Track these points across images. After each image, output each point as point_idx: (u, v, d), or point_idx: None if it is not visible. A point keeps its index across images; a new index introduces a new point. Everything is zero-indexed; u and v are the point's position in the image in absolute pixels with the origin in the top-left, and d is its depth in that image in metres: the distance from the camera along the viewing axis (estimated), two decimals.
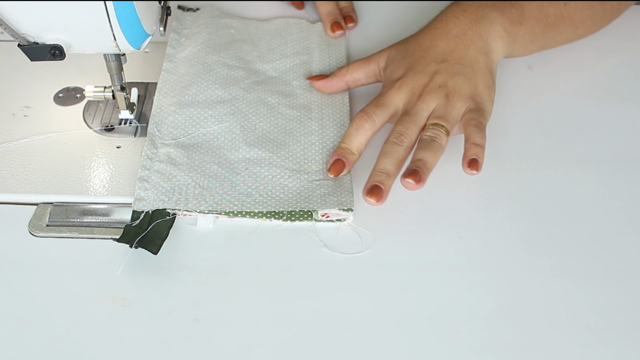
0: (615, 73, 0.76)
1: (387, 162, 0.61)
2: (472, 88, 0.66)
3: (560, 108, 0.73)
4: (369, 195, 0.60)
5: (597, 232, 0.62)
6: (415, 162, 0.61)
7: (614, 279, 0.59)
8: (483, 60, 0.68)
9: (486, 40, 0.68)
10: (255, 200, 0.63)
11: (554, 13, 0.71)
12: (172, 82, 0.73)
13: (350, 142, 0.65)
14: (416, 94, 0.65)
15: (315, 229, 0.61)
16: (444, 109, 0.64)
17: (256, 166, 0.65)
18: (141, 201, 0.62)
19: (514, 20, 0.70)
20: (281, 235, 0.61)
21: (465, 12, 0.69)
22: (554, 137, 0.70)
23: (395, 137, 0.63)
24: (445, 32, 0.69)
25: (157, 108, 0.70)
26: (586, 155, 0.69)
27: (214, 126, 0.68)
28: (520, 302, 0.57)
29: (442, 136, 0.62)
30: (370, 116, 0.65)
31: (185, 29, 0.79)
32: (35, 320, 0.56)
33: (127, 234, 0.60)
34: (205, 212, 0.62)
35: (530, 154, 0.68)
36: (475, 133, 0.62)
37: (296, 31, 0.81)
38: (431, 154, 0.61)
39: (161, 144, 0.67)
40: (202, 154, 0.66)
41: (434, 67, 0.67)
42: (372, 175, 0.61)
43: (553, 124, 0.71)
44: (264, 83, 0.74)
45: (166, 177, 0.64)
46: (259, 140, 0.68)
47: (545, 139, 0.70)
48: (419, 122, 0.64)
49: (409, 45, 0.70)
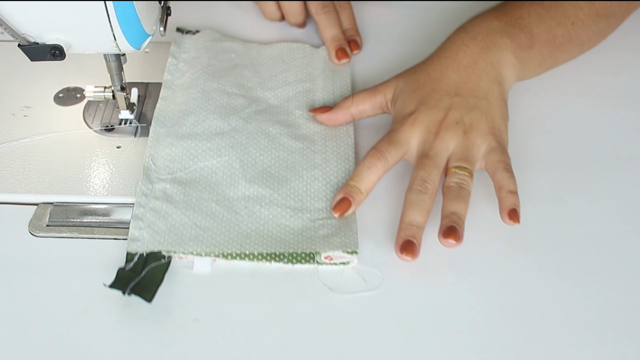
0: (615, 73, 0.75)
1: (415, 214, 0.59)
2: (490, 121, 0.63)
3: (560, 108, 0.73)
4: (404, 252, 0.57)
5: (597, 232, 0.62)
6: (449, 217, 0.58)
7: (614, 279, 0.59)
8: (497, 90, 0.65)
9: (498, 69, 0.66)
10: (255, 242, 0.60)
11: (561, 34, 0.70)
12: (169, 111, 0.70)
13: (360, 180, 0.62)
14: (432, 132, 0.63)
15: (317, 272, 0.59)
16: (464, 148, 0.62)
17: (256, 205, 0.62)
18: (135, 242, 0.59)
19: (524, 45, 0.68)
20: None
21: (475, 39, 0.67)
22: (554, 137, 0.70)
23: (419, 184, 0.60)
24: (456, 62, 0.66)
25: (153, 139, 0.67)
26: (586, 155, 0.69)
27: (212, 160, 0.65)
28: (520, 302, 0.57)
29: (468, 181, 0.60)
30: (383, 154, 0.62)
31: (184, 53, 0.76)
32: (35, 320, 0.56)
33: (121, 279, 0.57)
34: (203, 255, 0.59)
35: (530, 154, 0.68)
36: (507, 179, 0.60)
37: (299, 57, 0.77)
38: (462, 204, 0.59)
39: (157, 178, 0.64)
40: (199, 191, 0.63)
41: (447, 101, 0.64)
42: (402, 229, 0.59)
43: (553, 124, 0.71)
44: (265, 112, 0.71)
45: (162, 215, 0.61)
46: (259, 176, 0.65)
47: (545, 139, 0.70)
48: (440, 164, 0.62)
49: (418, 76, 0.67)
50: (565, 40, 0.71)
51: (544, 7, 0.70)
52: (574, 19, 0.70)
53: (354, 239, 0.60)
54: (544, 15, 0.69)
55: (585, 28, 0.71)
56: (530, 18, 0.69)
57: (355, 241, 0.60)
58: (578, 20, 0.71)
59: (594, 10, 0.71)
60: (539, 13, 0.69)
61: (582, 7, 0.71)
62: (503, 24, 0.68)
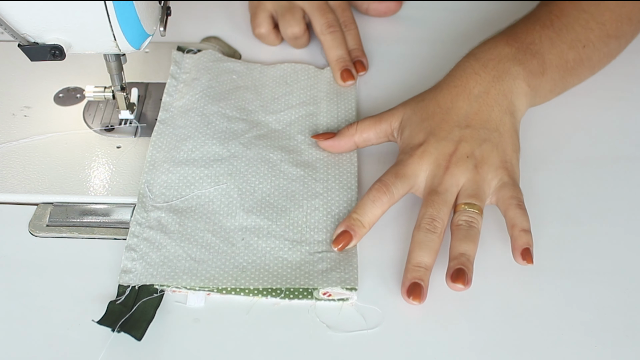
0: (615, 73, 0.75)
1: (423, 254, 0.57)
2: (502, 155, 0.61)
3: (561, 108, 0.73)
4: (411, 296, 0.55)
5: (597, 232, 0.62)
6: (458, 259, 0.56)
7: (614, 279, 0.59)
8: (509, 121, 0.63)
9: (510, 99, 0.64)
10: (251, 276, 0.58)
11: (573, 57, 0.68)
12: (167, 135, 0.68)
13: (364, 214, 0.59)
14: (442, 166, 0.60)
15: (315, 308, 0.56)
16: (474, 184, 0.60)
17: (254, 236, 0.60)
18: (128, 274, 0.57)
19: (536, 72, 0.66)
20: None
21: (486, 67, 0.65)
22: (554, 137, 0.70)
23: (427, 222, 0.58)
24: (466, 92, 0.64)
25: (150, 164, 0.65)
26: (586, 155, 0.69)
27: (209, 188, 0.63)
28: (520, 302, 0.57)
29: (478, 219, 0.58)
30: (389, 188, 0.60)
31: (184, 73, 0.74)
32: (35, 320, 0.56)
33: (111, 315, 0.55)
34: (196, 289, 0.57)
35: (530, 154, 0.68)
36: (520, 216, 0.58)
37: (303, 78, 0.75)
38: (472, 244, 0.57)
39: (152, 206, 0.62)
40: (195, 220, 0.61)
41: (458, 134, 0.62)
42: (409, 270, 0.57)
43: (553, 124, 0.71)
44: (266, 137, 0.68)
45: (155, 246, 0.59)
46: (257, 206, 0.62)
47: (545, 139, 0.70)
48: (450, 201, 0.59)
49: (427, 104, 0.64)
50: (577, 64, 0.68)
51: (555, 30, 0.67)
52: (586, 41, 0.68)
53: (354, 274, 0.58)
54: (555, 39, 0.67)
55: (596, 50, 0.69)
56: (542, 43, 0.66)
57: (355, 277, 0.57)
58: (589, 42, 0.68)
59: (605, 31, 0.69)
60: (551, 37, 0.67)
61: (593, 29, 0.68)
62: (514, 50, 0.66)
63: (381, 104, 0.72)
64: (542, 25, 0.68)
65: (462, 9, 0.85)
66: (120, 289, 0.57)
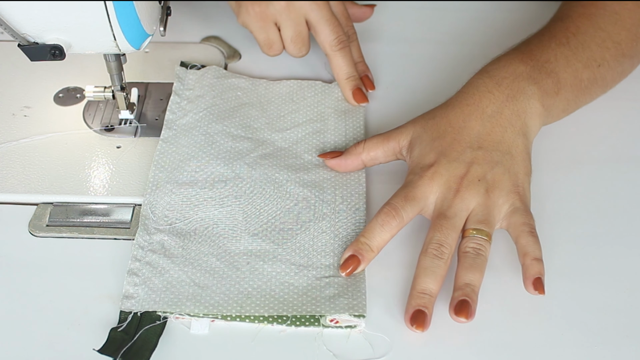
0: None
1: (429, 281, 0.55)
2: (514, 179, 0.60)
3: None
4: (414, 324, 0.54)
5: (597, 232, 0.62)
6: (463, 289, 0.55)
7: (614, 279, 0.59)
8: (521, 143, 0.61)
9: (524, 120, 0.62)
10: (256, 302, 0.56)
11: (587, 77, 0.66)
12: (170, 154, 0.66)
13: (372, 238, 0.58)
14: (452, 189, 0.59)
15: (322, 336, 0.55)
16: (485, 209, 0.58)
17: (259, 260, 0.59)
18: (130, 299, 0.56)
19: (550, 92, 0.64)
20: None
21: (500, 86, 0.63)
22: (554, 137, 0.70)
23: (434, 248, 0.56)
24: (479, 111, 0.62)
25: (152, 185, 0.63)
26: (586, 155, 0.69)
27: (214, 210, 0.62)
28: (520, 302, 0.57)
29: (486, 246, 0.57)
30: (398, 212, 0.58)
31: (188, 90, 0.72)
32: (35, 320, 0.56)
33: (112, 343, 0.53)
34: (200, 316, 0.55)
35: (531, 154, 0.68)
36: (532, 244, 0.57)
37: (310, 95, 0.73)
38: (478, 274, 0.55)
39: (155, 229, 0.60)
40: (199, 244, 0.60)
41: (470, 155, 0.60)
42: (413, 297, 0.55)
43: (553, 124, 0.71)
44: (272, 156, 0.66)
45: (158, 271, 0.58)
46: (263, 229, 0.61)
47: (545, 139, 0.70)
48: (458, 226, 0.58)
49: (438, 123, 0.63)
50: (591, 84, 0.67)
51: (571, 48, 0.66)
52: (601, 60, 0.67)
53: (362, 301, 0.56)
54: (570, 57, 0.66)
55: (610, 69, 0.68)
56: (557, 62, 0.65)
57: (363, 304, 0.56)
58: (605, 62, 0.67)
59: (620, 50, 0.68)
60: (566, 56, 0.65)
61: (609, 47, 0.67)
62: (529, 69, 0.64)
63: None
64: (558, 43, 0.66)
65: (462, 9, 0.85)
66: (122, 315, 0.55)
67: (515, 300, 0.57)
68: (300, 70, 0.77)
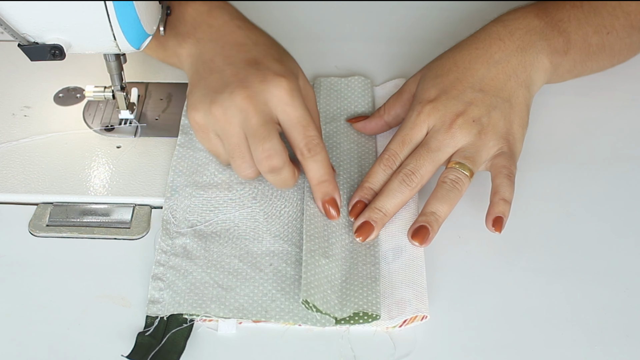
0: (615, 73, 0.75)
1: (387, 202, 0.59)
2: (507, 126, 0.61)
3: (561, 108, 0.73)
4: (358, 232, 0.58)
5: (597, 232, 0.62)
6: (427, 216, 0.57)
7: (614, 279, 0.59)
8: (522, 94, 0.63)
9: (529, 73, 0.64)
10: (281, 307, 0.56)
11: (596, 42, 0.67)
12: (187, 159, 0.66)
13: (375, 181, 0.61)
14: (446, 124, 0.60)
15: (349, 333, 0.55)
16: (474, 148, 0.60)
17: (282, 262, 0.59)
18: (155, 304, 0.56)
19: (560, 50, 0.65)
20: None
21: (512, 36, 0.64)
22: (554, 137, 0.70)
23: (405, 173, 0.59)
24: (487, 55, 0.64)
25: (171, 189, 0.63)
26: (586, 155, 0.69)
27: (234, 212, 0.62)
28: (520, 302, 0.57)
29: (465, 181, 0.58)
30: (397, 157, 0.61)
31: None
32: (35, 320, 0.56)
33: (140, 348, 0.53)
34: (227, 317, 0.56)
35: (530, 154, 0.68)
36: (506, 186, 0.59)
37: (324, 94, 0.73)
38: (447, 206, 0.57)
39: (176, 232, 0.60)
40: (221, 246, 0.60)
41: (470, 96, 0.61)
42: (368, 209, 0.59)
43: (553, 124, 0.71)
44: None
45: (181, 274, 0.58)
46: (284, 230, 0.61)
47: (545, 139, 0.70)
48: (438, 160, 0.60)
49: (444, 62, 0.65)
50: (599, 50, 0.68)
51: (584, 12, 0.67)
52: (610, 28, 0.68)
53: (376, 298, 0.56)
54: (582, 20, 0.67)
55: (619, 39, 0.69)
56: (570, 22, 0.66)
57: (377, 302, 0.56)
58: (614, 30, 0.68)
59: (629, 21, 0.69)
60: (579, 18, 0.67)
61: (619, 17, 0.68)
62: (543, 24, 0.65)
63: None
64: (573, 5, 0.67)
65: (462, 9, 0.85)
66: (148, 320, 0.55)
67: (516, 300, 0.57)
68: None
